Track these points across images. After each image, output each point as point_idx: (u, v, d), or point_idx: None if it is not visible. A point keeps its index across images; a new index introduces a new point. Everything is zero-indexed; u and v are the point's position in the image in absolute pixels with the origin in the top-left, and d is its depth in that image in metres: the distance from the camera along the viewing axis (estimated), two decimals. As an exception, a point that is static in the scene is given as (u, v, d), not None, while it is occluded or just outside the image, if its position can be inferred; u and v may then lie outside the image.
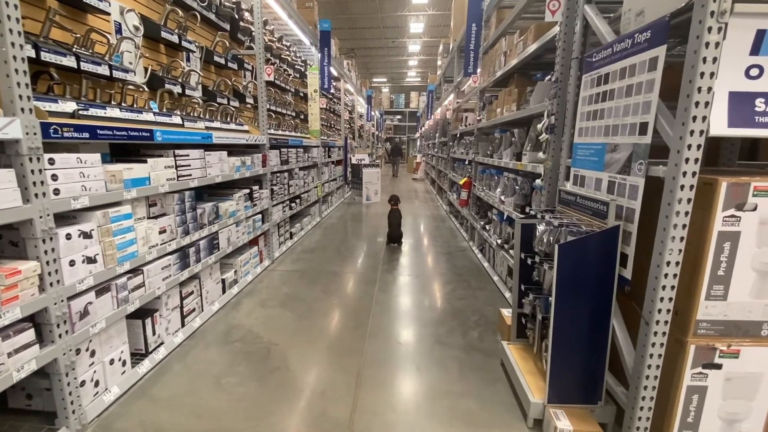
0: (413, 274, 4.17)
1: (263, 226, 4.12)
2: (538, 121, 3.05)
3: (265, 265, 4.22)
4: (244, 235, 3.66)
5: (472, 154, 5.21)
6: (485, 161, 4.47)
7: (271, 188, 4.27)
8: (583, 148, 2.10)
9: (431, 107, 13.10)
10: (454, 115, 7.57)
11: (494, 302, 3.42)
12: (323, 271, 4.20)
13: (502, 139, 4.02)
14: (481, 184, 4.75)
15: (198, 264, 2.84)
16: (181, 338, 2.66)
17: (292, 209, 5.15)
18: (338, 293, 3.62)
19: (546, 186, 2.61)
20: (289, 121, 5.69)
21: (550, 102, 2.53)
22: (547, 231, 1.98)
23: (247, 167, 3.68)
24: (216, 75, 3.77)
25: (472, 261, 4.66)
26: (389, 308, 3.30)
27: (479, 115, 4.98)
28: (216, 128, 3.22)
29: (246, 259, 3.75)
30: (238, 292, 3.51)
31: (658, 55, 1.54)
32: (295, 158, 5.22)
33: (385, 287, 3.77)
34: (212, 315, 3.06)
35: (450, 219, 7.31)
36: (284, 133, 4.97)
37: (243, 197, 3.60)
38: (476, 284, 3.88)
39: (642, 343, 1.57)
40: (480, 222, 4.72)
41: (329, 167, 7.75)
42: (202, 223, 2.91)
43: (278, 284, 3.80)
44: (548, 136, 2.55)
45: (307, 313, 3.18)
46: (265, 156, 4.08)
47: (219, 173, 3.11)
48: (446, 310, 3.25)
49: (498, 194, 3.87)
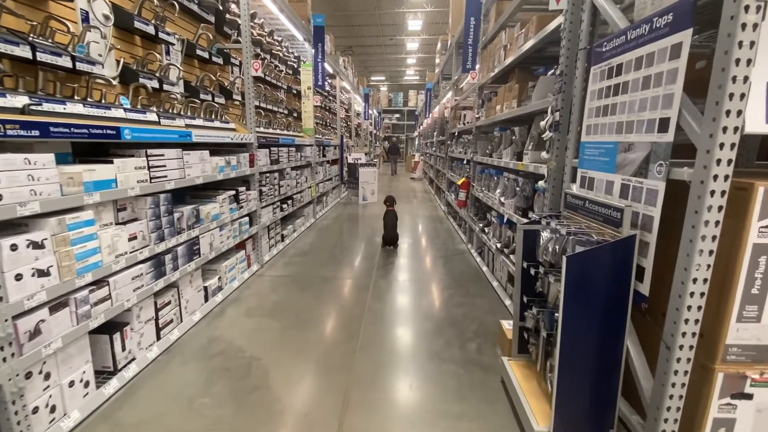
0: (409, 279, 3.98)
1: (251, 229, 3.93)
2: (540, 118, 2.86)
3: (253, 270, 4.02)
4: (230, 239, 3.46)
5: (470, 154, 5.02)
6: (484, 161, 4.28)
7: (259, 189, 4.08)
8: (592, 147, 1.91)
9: (429, 106, 12.90)
10: (453, 113, 7.37)
11: (494, 310, 3.23)
12: (315, 277, 4.01)
13: (501, 138, 3.82)
14: (480, 185, 4.56)
15: (175, 272, 2.64)
16: (156, 353, 2.46)
17: (283, 211, 4.95)
18: (330, 301, 3.42)
19: (549, 188, 2.42)
20: (281, 119, 5.48)
21: (554, 97, 2.34)
22: (552, 239, 1.79)
23: (233, 167, 3.48)
24: (200, 70, 3.57)
25: (471, 265, 4.47)
26: (382, 317, 3.10)
27: (478, 112, 4.79)
28: (197, 126, 3.02)
29: (232, 264, 3.55)
30: (222, 300, 3.32)
31: (681, 41, 1.35)
32: (287, 157, 5.02)
33: (379, 294, 3.57)
34: (192, 326, 2.86)
35: (448, 220, 7.12)
36: (274, 132, 4.77)
37: (228, 199, 3.40)
38: (475, 290, 3.69)
39: (662, 370, 1.38)
40: (479, 224, 4.53)
41: (324, 167, 7.55)
42: (181, 228, 2.71)
43: (266, 291, 3.61)
44: (552, 134, 2.36)
45: (295, 323, 2.98)
46: (253, 155, 3.88)
47: (200, 174, 2.91)
48: (443, 319, 3.06)
49: (497, 195, 3.67)
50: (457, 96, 7.25)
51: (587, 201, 1.81)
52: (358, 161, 8.82)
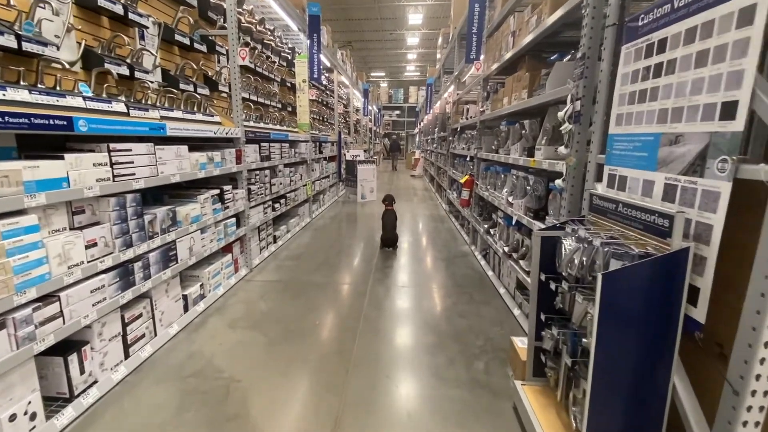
0: (408, 285, 3.70)
1: (238, 230, 3.64)
2: (555, 109, 2.57)
3: (241, 274, 3.74)
4: (213, 243, 3.18)
5: (474, 150, 4.73)
6: (489, 157, 3.99)
7: (248, 188, 3.79)
8: (624, 140, 1.62)
9: (430, 101, 12.58)
10: (455, 107, 7.07)
11: (501, 321, 2.95)
12: (308, 282, 3.73)
13: (509, 132, 3.53)
14: (485, 183, 4.27)
15: (147, 281, 2.36)
16: (123, 373, 2.19)
17: (275, 210, 4.66)
18: (322, 309, 3.14)
19: (568, 188, 2.13)
20: (274, 113, 5.19)
21: (575, 84, 2.05)
22: (579, 250, 1.51)
23: (216, 164, 3.19)
24: (180, 57, 3.27)
25: (475, 269, 4.19)
26: (379, 329, 2.82)
27: (482, 106, 4.49)
28: (174, 118, 2.73)
29: (216, 269, 3.27)
30: (204, 310, 3.03)
31: (755, 2, 1.06)
32: (279, 154, 4.73)
33: (375, 302, 3.29)
34: (168, 340, 2.58)
35: (450, 219, 6.83)
36: (265, 126, 4.48)
37: (211, 199, 3.11)
38: (480, 297, 3.41)
39: (726, 418, 1.10)
40: (483, 225, 4.24)
41: (321, 164, 7.25)
42: (153, 232, 2.42)
43: (254, 298, 3.32)
44: (572, 126, 2.07)
45: (283, 336, 2.70)
46: (240, 151, 3.59)
47: (176, 171, 2.63)
48: (446, 332, 2.78)
49: (505, 195, 3.39)
50: (459, 90, 6.95)
51: (620, 204, 1.52)
52: (356, 158, 8.53)
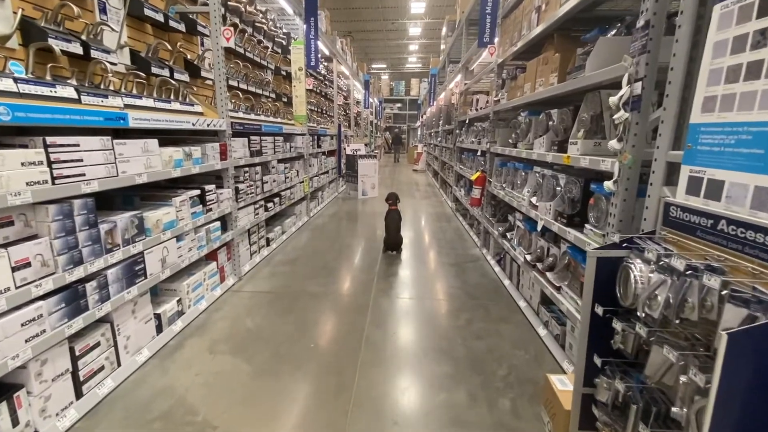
0: (415, 296, 3.30)
1: (224, 235, 3.23)
2: (594, 96, 2.14)
3: (228, 284, 3.34)
4: (193, 251, 2.77)
5: (486, 144, 4.30)
6: (506, 152, 3.56)
7: (235, 187, 3.37)
8: (720, 131, 1.19)
9: (434, 93, 12.10)
10: (462, 98, 6.61)
11: (525, 343, 2.55)
12: (302, 292, 3.33)
13: (530, 124, 3.10)
14: (500, 181, 3.85)
15: (105, 304, 1.96)
16: (73, 419, 1.79)
17: (268, 211, 4.25)
18: (318, 327, 2.74)
19: (620, 191, 1.72)
20: (267, 104, 4.76)
21: (633, 61, 1.62)
22: (665, 284, 1.09)
23: (196, 161, 2.77)
24: (154, 37, 2.84)
25: (488, 276, 3.78)
26: (384, 355, 2.43)
27: (497, 95, 4.05)
28: (142, 107, 2.31)
29: (197, 281, 2.87)
30: (182, 329, 2.64)
31: None
32: (272, 148, 4.31)
33: (379, 318, 2.89)
34: (135, 370, 2.19)
35: (456, 218, 6.41)
36: (256, 118, 4.04)
37: (189, 201, 2.70)
38: (497, 312, 3.00)
39: None
40: (498, 228, 3.82)
41: (319, 159, 6.82)
42: (113, 244, 2.02)
43: (240, 314, 2.92)
44: (628, 114, 1.65)
45: (270, 363, 2.31)
46: (225, 146, 3.17)
47: (143, 170, 2.21)
48: (463, 359, 2.38)
49: (527, 195, 2.97)
50: (467, 79, 6.49)
51: (724, 221, 1.11)
52: (357, 152, 8.09)
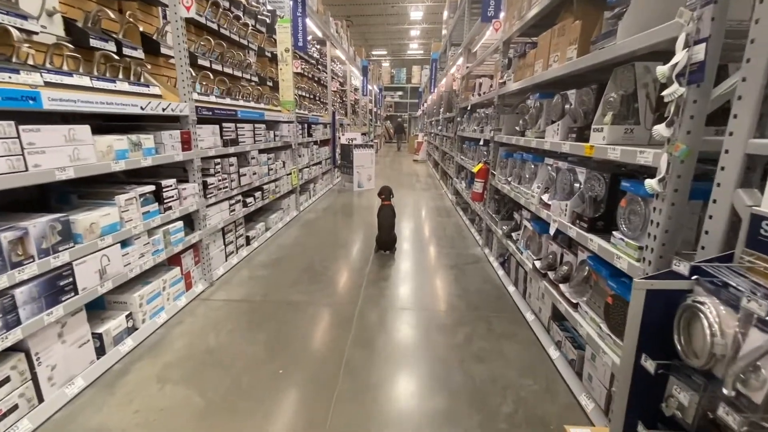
0: (408, 306, 2.90)
1: (189, 236, 2.83)
2: (625, 71, 1.71)
3: (196, 291, 2.95)
4: (146, 258, 2.38)
5: (490, 132, 3.85)
6: (512, 141, 3.13)
7: (202, 181, 2.96)
8: None
9: (434, 79, 11.57)
10: (464, 83, 6.14)
11: (534, 367, 2.16)
12: (280, 302, 2.94)
13: (541, 109, 2.67)
14: (504, 173, 3.42)
15: (15, 329, 1.57)
16: (-36, 480, 1.42)
17: (247, 206, 3.84)
18: (290, 347, 2.35)
19: (670, 193, 1.30)
20: (247, 88, 4.31)
21: (695, 15, 1.19)
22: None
23: (147, 152, 2.35)
24: (95, 3, 2.40)
25: (490, 280, 3.38)
26: (365, 384, 2.04)
27: (502, 76, 3.59)
28: (68, 86, 1.89)
29: (155, 290, 2.48)
30: (132, 348, 2.25)
31: None
32: (252, 137, 3.88)
33: (364, 334, 2.50)
34: (63, 406, 1.81)
35: (457, 212, 6.00)
36: (230, 103, 3.60)
37: (139, 199, 2.29)
38: (501, 327, 2.61)
39: None
40: (502, 226, 3.41)
41: (310, 149, 6.38)
42: (24, 256, 1.62)
43: (204, 328, 2.54)
44: (684, 89, 1.22)
45: (228, 397, 1.92)
46: (188, 134, 2.74)
47: (68, 163, 1.80)
48: (460, 389, 1.99)
49: (536, 192, 2.55)
50: (469, 62, 6.01)
51: None
52: (352, 142, 7.63)
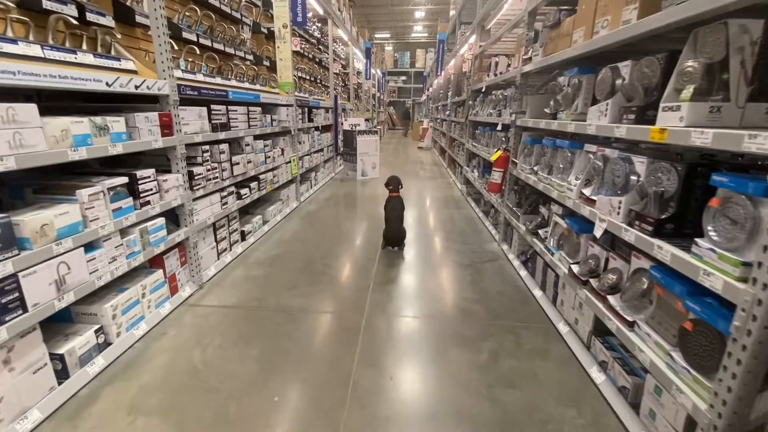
0: (421, 314, 2.56)
1: (173, 235, 2.48)
2: (713, 33, 1.32)
3: (183, 296, 2.62)
4: (119, 262, 2.03)
5: (510, 116, 3.45)
6: (540, 125, 2.74)
7: (188, 171, 2.60)
8: None
9: (441, 62, 11.03)
10: (476, 63, 5.69)
11: (575, 395, 1.82)
12: (277, 308, 2.61)
13: (580, 86, 2.27)
14: (529, 162, 3.04)
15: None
16: None
17: (241, 198, 3.48)
18: (287, 367, 2.02)
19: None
20: (241, 67, 3.90)
21: None
22: None
23: (116, 137, 1.99)
24: (51, -41, 2.00)
25: (512, 281, 3.04)
26: (376, 414, 1.71)
27: (527, 51, 3.18)
28: (3, 54, 1.52)
29: (132, 298, 2.15)
30: (104, 368, 1.93)
31: None
32: (246, 121, 3.49)
33: (372, 350, 2.17)
34: (10, 448, 1.50)
35: (468, 203, 5.62)
36: (221, 82, 3.21)
37: (107, 194, 1.94)
38: (530, 339, 2.27)
39: None
40: (526, 223, 3.04)
41: (311, 134, 5.99)
42: (-56, 270, 1.28)
43: (189, 342, 2.21)
44: None
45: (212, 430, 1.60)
46: (169, 116, 2.37)
47: (8, 152, 1.45)
48: (490, 424, 1.66)
49: (575, 184, 2.18)
50: (482, 41, 5.55)
51: None
52: (355, 128, 7.22)
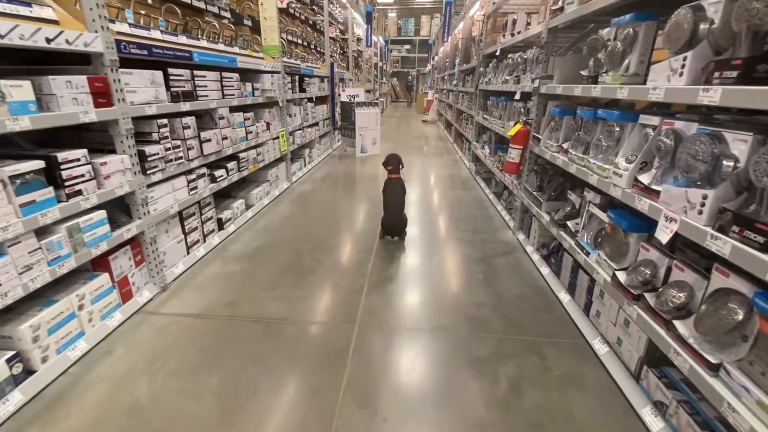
0: (423, 327, 2.12)
1: (120, 231, 2.02)
2: None
3: (140, 301, 2.19)
4: (39, 269, 1.58)
5: (533, 82, 2.89)
6: (574, 93, 2.20)
7: (137, 151, 2.11)
8: None
9: (448, 26, 10.20)
10: (489, 23, 5.03)
11: (624, 445, 1.40)
12: (252, 316, 2.18)
13: (636, 38, 1.73)
14: (555, 138, 2.52)
15: None
16: None
17: (216, 182, 3.00)
18: (254, 403, 1.61)
19: None
20: (213, 25, 3.33)
21: None
22: None
23: (18, 107, 1.49)
24: None
25: (531, 281, 2.58)
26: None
27: (557, 1, 2.58)
28: None
29: (63, 312, 1.72)
30: (20, 408, 1.52)
31: None
32: (218, 89, 2.96)
33: (363, 379, 1.74)
34: None
35: (477, 183, 5.11)
36: (180, 41, 2.64)
37: (14, 183, 1.47)
38: (558, 360, 1.83)
39: None
40: (551, 213, 2.56)
41: (303, 107, 5.42)
42: None
43: (138, 364, 1.79)
44: None
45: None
46: (104, 81, 1.86)
47: None
48: (514, 494, 1.25)
49: (624, 168, 1.67)
50: (496, -3, 4.86)
51: None
52: (354, 99, 6.61)
